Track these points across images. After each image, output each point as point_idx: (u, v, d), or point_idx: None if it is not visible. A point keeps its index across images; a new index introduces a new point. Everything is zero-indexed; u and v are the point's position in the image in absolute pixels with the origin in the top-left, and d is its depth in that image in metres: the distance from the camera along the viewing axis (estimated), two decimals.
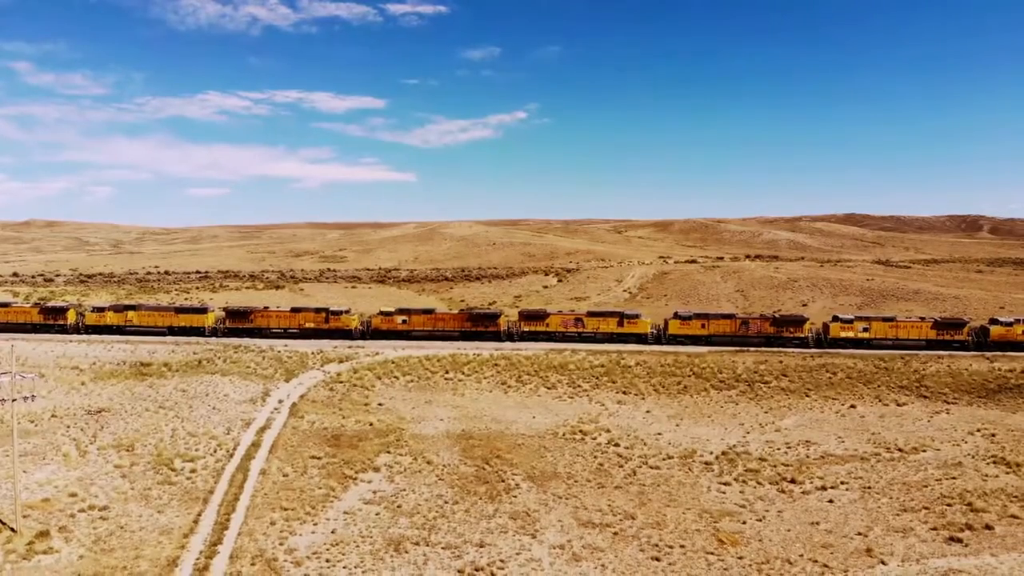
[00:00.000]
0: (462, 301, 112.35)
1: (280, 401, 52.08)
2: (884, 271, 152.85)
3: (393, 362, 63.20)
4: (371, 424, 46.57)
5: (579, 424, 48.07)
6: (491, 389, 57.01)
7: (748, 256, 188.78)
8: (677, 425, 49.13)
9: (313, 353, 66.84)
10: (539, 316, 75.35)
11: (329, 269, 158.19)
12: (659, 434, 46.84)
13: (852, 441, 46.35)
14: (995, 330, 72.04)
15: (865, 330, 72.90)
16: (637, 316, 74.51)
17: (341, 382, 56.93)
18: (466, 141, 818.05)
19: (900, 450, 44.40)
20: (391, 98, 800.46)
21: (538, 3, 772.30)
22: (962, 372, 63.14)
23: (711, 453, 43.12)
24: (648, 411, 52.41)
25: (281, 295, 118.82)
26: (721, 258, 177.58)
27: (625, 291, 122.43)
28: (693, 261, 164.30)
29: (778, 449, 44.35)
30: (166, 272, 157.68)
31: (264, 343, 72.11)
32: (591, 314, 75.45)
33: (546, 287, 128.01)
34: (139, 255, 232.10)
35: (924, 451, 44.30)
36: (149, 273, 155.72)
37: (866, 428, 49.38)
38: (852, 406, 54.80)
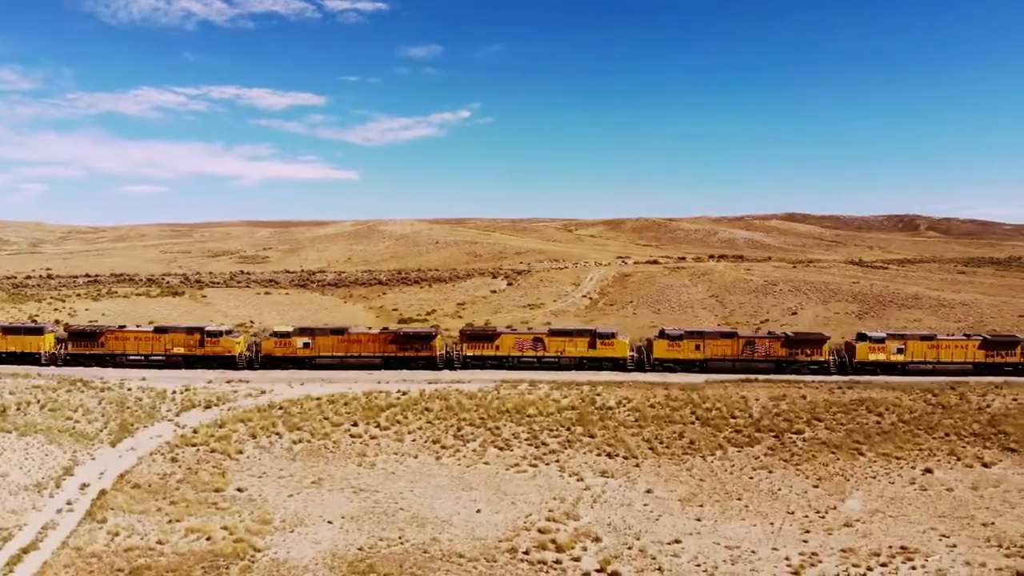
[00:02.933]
0: (395, 310, 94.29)
1: (85, 485, 33.66)
2: (863, 272, 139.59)
3: (281, 407, 44.96)
4: (208, 539, 28.43)
5: (549, 525, 30.76)
6: (417, 452, 39.31)
7: (712, 256, 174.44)
8: (698, 520, 32.21)
9: (175, 392, 48.29)
10: (487, 336, 57.84)
11: (242, 272, 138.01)
12: (676, 541, 29.82)
13: (964, 543, 30.19)
14: None
15: (900, 351, 57.34)
16: (613, 335, 57.57)
17: (194, 445, 38.64)
18: (409, 139, 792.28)
19: None
20: (331, 95, 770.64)
21: (479, 2, 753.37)
22: None
23: None
24: (649, 490, 35.40)
25: (177, 304, 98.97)
26: (683, 258, 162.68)
27: (585, 296, 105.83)
28: (655, 261, 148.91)
29: (870, 570, 27.76)
30: (50, 276, 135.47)
31: (116, 375, 53.12)
32: (554, 332, 58.21)
33: (494, 292, 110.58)
34: (38, 255, 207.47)
35: None
36: (29, 277, 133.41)
37: (967, 512, 33.38)
38: (927, 470, 38.80)
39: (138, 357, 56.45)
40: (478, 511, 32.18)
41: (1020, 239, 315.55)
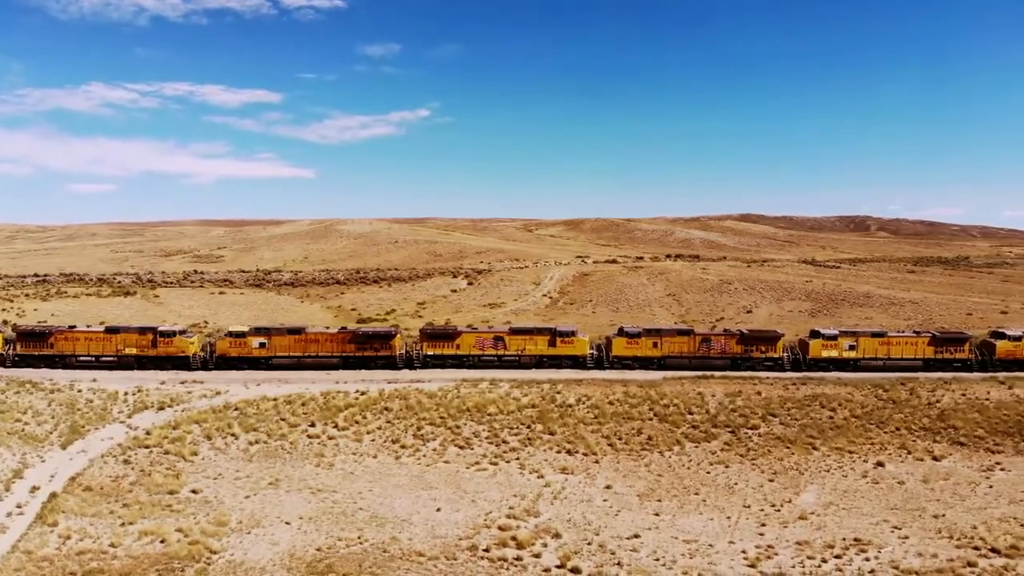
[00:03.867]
0: (353, 310, 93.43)
1: (35, 488, 32.72)
2: (816, 272, 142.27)
3: (237, 408, 44.22)
4: (163, 541, 27.84)
5: (509, 522, 30.76)
6: (376, 452, 39.00)
7: (669, 256, 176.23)
8: (656, 515, 32.49)
9: (127, 393, 47.20)
10: (447, 335, 57.62)
11: (196, 271, 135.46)
12: (635, 536, 30.05)
13: (916, 534, 30.92)
14: (1002, 346, 58.83)
15: (852, 348, 58.47)
16: (573, 333, 57.78)
17: (147, 447, 37.83)
18: (367, 137, 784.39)
19: (995, 551, 29.18)
20: (287, 92, 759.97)
21: (437, 1, 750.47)
22: (985, 404, 49.20)
23: None
24: (608, 486, 35.64)
25: (129, 304, 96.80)
26: (641, 258, 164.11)
27: (545, 295, 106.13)
28: (614, 261, 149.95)
29: (825, 562, 28.29)
30: None
31: (65, 377, 51.70)
32: (514, 331, 58.20)
33: (455, 291, 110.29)
34: None
35: None
36: None
37: (918, 505, 34.22)
38: (879, 463, 39.70)
39: (89, 358, 55.04)
40: (438, 510, 32.04)
41: (967, 239, 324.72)
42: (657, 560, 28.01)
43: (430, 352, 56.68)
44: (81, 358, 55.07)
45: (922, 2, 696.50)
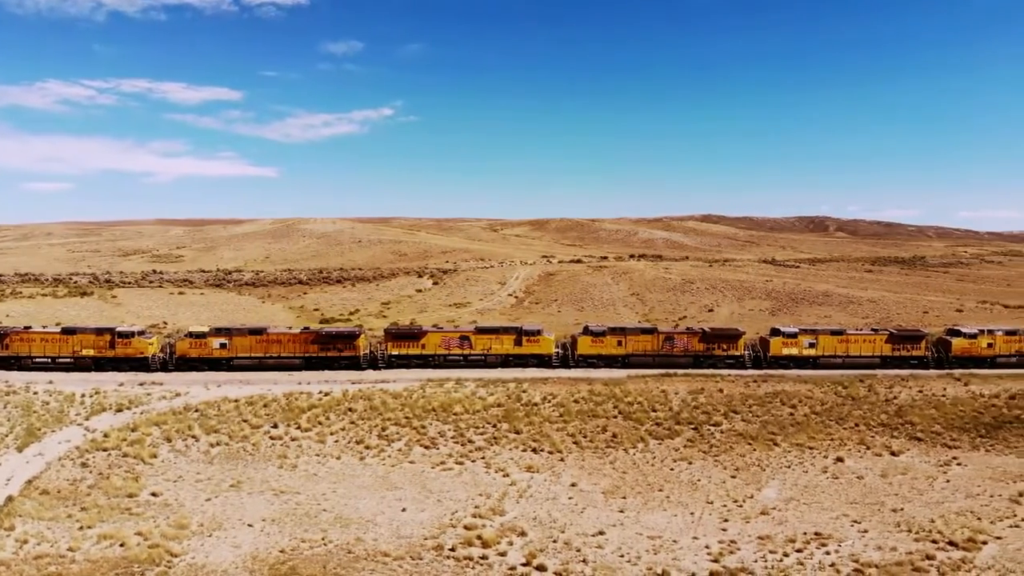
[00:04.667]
0: (316, 310, 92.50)
1: None
2: (776, 271, 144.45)
3: (197, 410, 43.51)
4: (122, 545, 27.26)
5: (475, 521, 30.68)
6: (340, 453, 38.65)
7: (633, 256, 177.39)
8: (621, 511, 32.66)
9: (84, 395, 46.19)
10: (412, 335, 57.32)
11: (155, 271, 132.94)
12: (600, 533, 30.17)
13: (875, 528, 31.50)
14: (957, 343, 60.28)
15: (811, 345, 59.42)
16: (539, 332, 57.88)
17: (105, 449, 37.03)
18: (330, 136, 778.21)
19: (952, 544, 29.84)
20: (249, 90, 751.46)
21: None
22: (941, 401, 50.41)
23: None
24: (574, 483, 35.75)
25: (86, 304, 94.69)
26: (605, 257, 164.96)
27: (511, 295, 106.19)
28: (578, 261, 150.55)
29: (786, 556, 28.68)
30: None
31: (21, 379, 50.37)
32: (480, 330, 58.09)
33: (420, 291, 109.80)
34: None
35: (985, 543, 29.93)
36: None
37: (877, 499, 34.87)
38: (839, 459, 40.39)
39: (45, 359, 53.73)
40: (403, 510, 31.86)
41: (923, 239, 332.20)
42: (622, 556, 28.16)
43: (395, 352, 56.35)
44: (37, 360, 53.76)
45: (881, 4, 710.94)
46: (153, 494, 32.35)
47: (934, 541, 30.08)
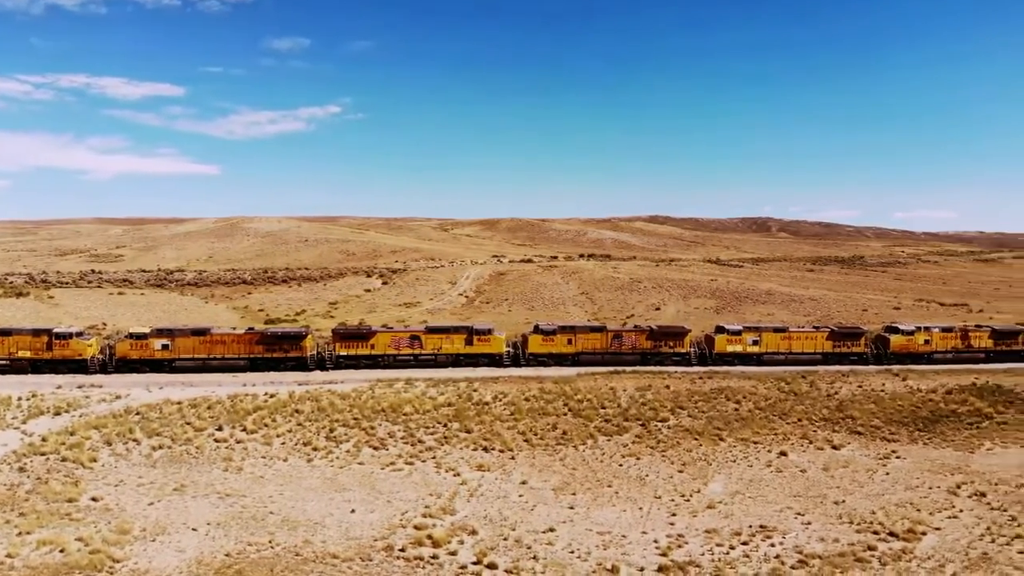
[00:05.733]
0: (261, 310, 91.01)
1: None
2: (721, 271, 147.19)
3: (139, 412, 42.41)
4: (62, 551, 26.39)
5: (426, 521, 30.50)
6: (287, 455, 38.04)
7: (582, 255, 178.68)
8: (571, 508, 32.83)
9: (21, 398, 44.66)
10: (362, 335, 56.81)
11: (93, 271, 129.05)
12: (550, 530, 30.28)
13: (818, 520, 32.27)
14: (895, 340, 62.30)
15: (755, 343, 60.74)
16: (489, 331, 57.91)
17: (43, 453, 35.81)
18: (275, 134, 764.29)
19: (893, 535, 30.74)
20: (191, 86, 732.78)
21: None
22: (881, 396, 51.97)
23: (641, 571, 27.12)
24: (524, 481, 35.80)
25: (22, 305, 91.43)
26: (555, 257, 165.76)
27: (461, 294, 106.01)
28: (529, 260, 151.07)
29: (733, 548, 29.19)
30: None
31: None
32: (431, 330, 57.88)
33: (369, 291, 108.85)
34: None
35: (924, 534, 30.90)
36: None
37: (820, 492, 35.71)
38: (782, 453, 41.25)
39: None
40: (352, 511, 31.51)
41: (861, 240, 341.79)
42: (572, 553, 28.33)
43: (343, 353, 55.80)
44: None
45: (825, 4, 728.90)
46: (94, 499, 31.39)
47: (875, 532, 30.91)
